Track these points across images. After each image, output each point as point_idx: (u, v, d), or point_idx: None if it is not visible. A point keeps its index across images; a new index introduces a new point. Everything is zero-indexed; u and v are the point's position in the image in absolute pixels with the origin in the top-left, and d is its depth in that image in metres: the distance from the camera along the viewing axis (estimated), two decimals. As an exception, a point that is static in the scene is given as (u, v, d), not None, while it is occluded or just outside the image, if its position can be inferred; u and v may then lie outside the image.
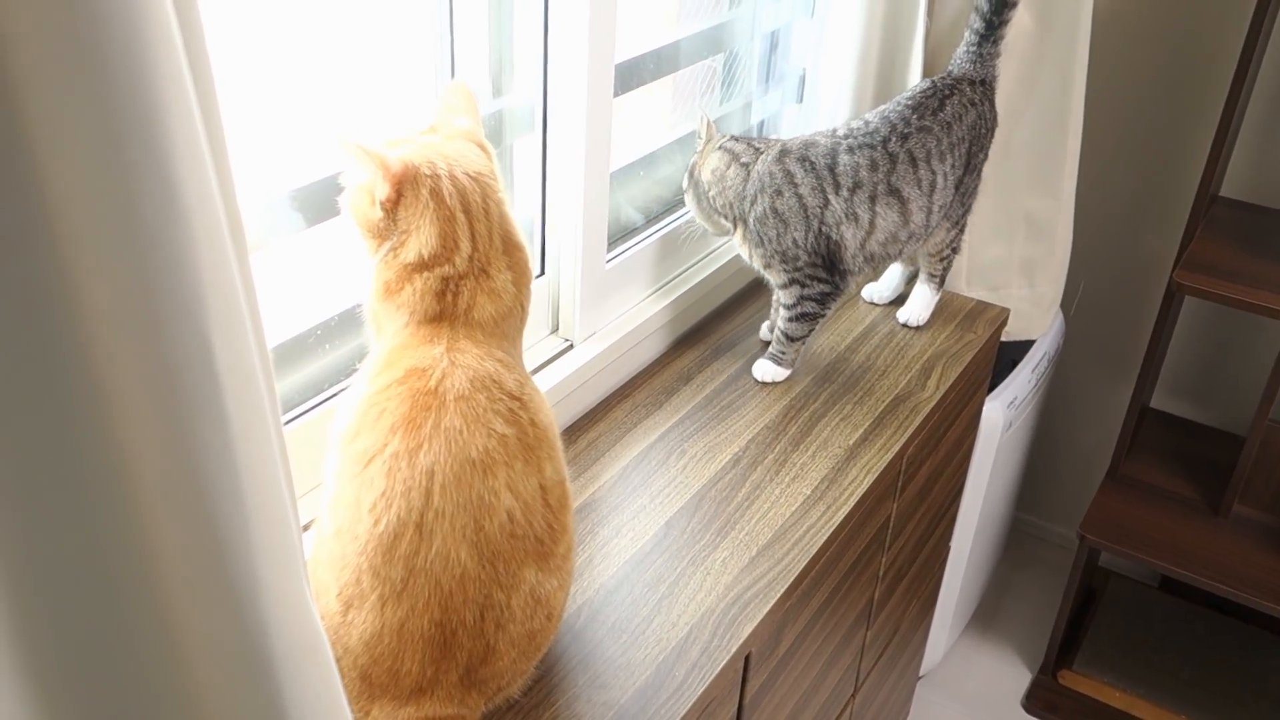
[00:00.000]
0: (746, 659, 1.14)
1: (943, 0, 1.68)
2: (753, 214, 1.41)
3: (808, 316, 1.47)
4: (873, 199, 1.41)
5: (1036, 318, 2.02)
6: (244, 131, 1.07)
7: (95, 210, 0.43)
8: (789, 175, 1.40)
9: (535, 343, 1.41)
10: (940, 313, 1.70)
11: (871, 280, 1.74)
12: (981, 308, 1.74)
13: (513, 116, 1.32)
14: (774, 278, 1.47)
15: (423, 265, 0.94)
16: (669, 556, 1.19)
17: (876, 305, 1.71)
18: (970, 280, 1.91)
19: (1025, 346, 2.13)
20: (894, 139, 1.42)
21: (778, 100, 1.89)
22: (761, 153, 1.42)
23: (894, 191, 1.42)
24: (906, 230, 1.46)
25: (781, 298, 1.48)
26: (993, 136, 1.58)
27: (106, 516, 0.49)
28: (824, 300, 1.46)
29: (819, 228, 1.41)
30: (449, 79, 1.24)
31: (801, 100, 1.88)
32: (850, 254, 1.44)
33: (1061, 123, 1.79)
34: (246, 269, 0.53)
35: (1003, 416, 2.00)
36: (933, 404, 1.48)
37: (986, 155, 1.58)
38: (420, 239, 0.93)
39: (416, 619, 0.88)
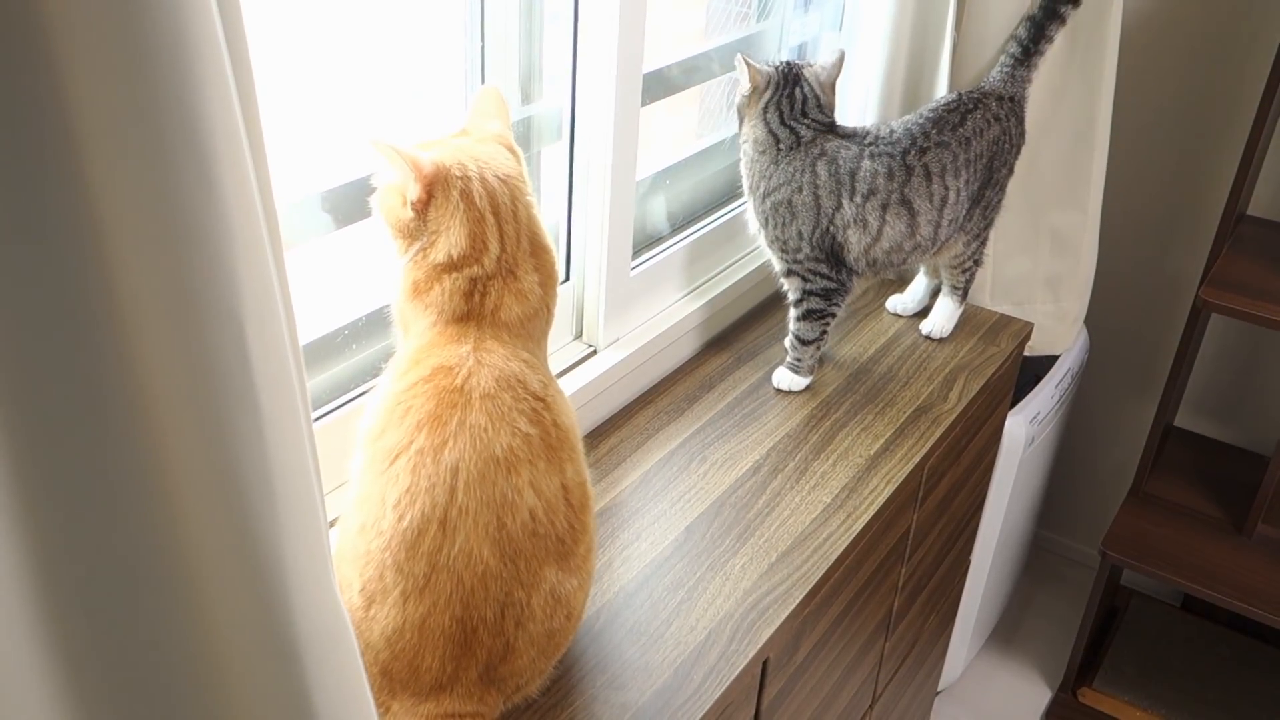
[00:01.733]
0: (764, 664, 1.15)
1: (970, 15, 1.68)
2: (769, 200, 1.42)
3: (814, 314, 1.47)
4: (884, 207, 1.42)
5: (1060, 333, 2.01)
6: (277, 133, 1.09)
7: (135, 196, 0.44)
8: (814, 176, 1.40)
9: (559, 348, 1.42)
10: (963, 326, 1.70)
11: (897, 292, 1.74)
12: (1005, 321, 1.74)
13: (541, 124, 1.33)
14: (776, 263, 1.48)
15: (452, 266, 0.95)
16: (689, 561, 1.20)
17: (901, 316, 1.72)
18: (994, 294, 1.91)
19: (1049, 362, 2.12)
20: (913, 151, 1.43)
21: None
22: (798, 147, 1.41)
23: (905, 202, 1.43)
24: (912, 241, 1.46)
25: (787, 294, 1.49)
26: (1018, 153, 1.58)
27: (139, 498, 0.51)
28: (829, 296, 1.47)
29: (826, 226, 1.42)
30: (480, 85, 1.25)
31: (828, 113, 1.89)
32: (853, 256, 1.45)
33: (1088, 138, 1.79)
34: (281, 261, 0.55)
35: (1025, 431, 2.00)
36: (954, 416, 1.48)
37: (1011, 170, 1.58)
38: (450, 239, 0.94)
39: (438, 615, 0.89)
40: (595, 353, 1.43)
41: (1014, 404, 1.99)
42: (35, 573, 0.51)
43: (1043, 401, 2.07)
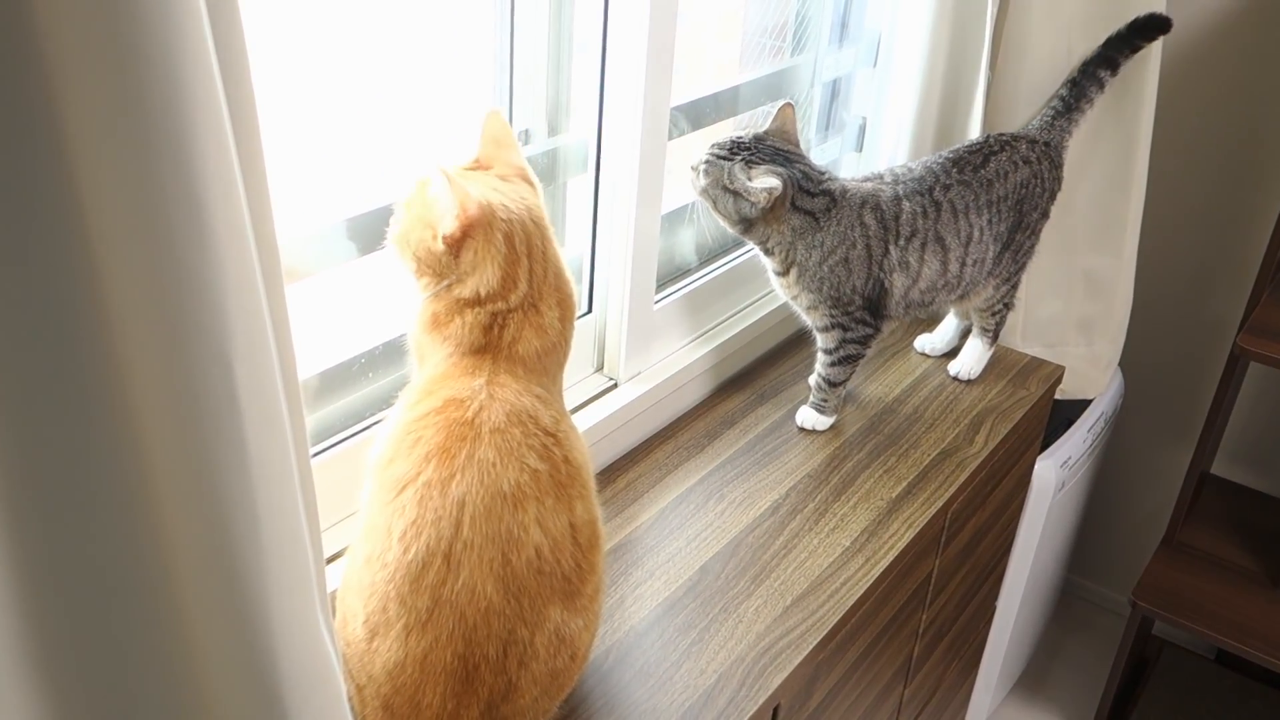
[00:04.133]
0: (775, 710, 1.12)
1: (1006, 55, 1.67)
2: (826, 264, 1.37)
3: (850, 360, 1.45)
4: (923, 246, 1.41)
5: (1093, 377, 1.98)
6: (300, 161, 1.10)
7: (126, 241, 0.44)
8: (864, 227, 1.38)
9: (579, 380, 1.41)
10: (993, 367, 1.68)
11: (926, 331, 1.72)
12: (1036, 364, 1.71)
13: (567, 155, 1.33)
14: (816, 320, 1.44)
15: (477, 301, 0.94)
16: (702, 602, 1.18)
17: (929, 357, 1.70)
18: (1026, 336, 1.88)
19: (1082, 406, 2.09)
20: (938, 189, 1.42)
21: (836, 148, 1.89)
22: (835, 205, 1.37)
23: (939, 239, 1.42)
24: (944, 279, 1.45)
25: (822, 342, 1.46)
26: (1053, 198, 1.56)
27: (124, 532, 0.50)
28: (865, 342, 1.45)
29: (876, 274, 1.40)
30: (492, 108, 1.24)
31: (861, 149, 1.88)
32: (895, 300, 1.43)
33: (1125, 180, 1.77)
34: (278, 297, 0.54)
35: (1055, 476, 1.96)
36: (980, 460, 1.46)
37: (1045, 215, 1.56)
38: (482, 278, 0.94)
39: (440, 651, 0.88)
40: (616, 386, 1.42)
41: (1045, 447, 1.96)
42: (24, 602, 0.50)
43: (1074, 446, 2.03)
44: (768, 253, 1.40)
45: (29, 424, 0.47)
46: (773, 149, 1.36)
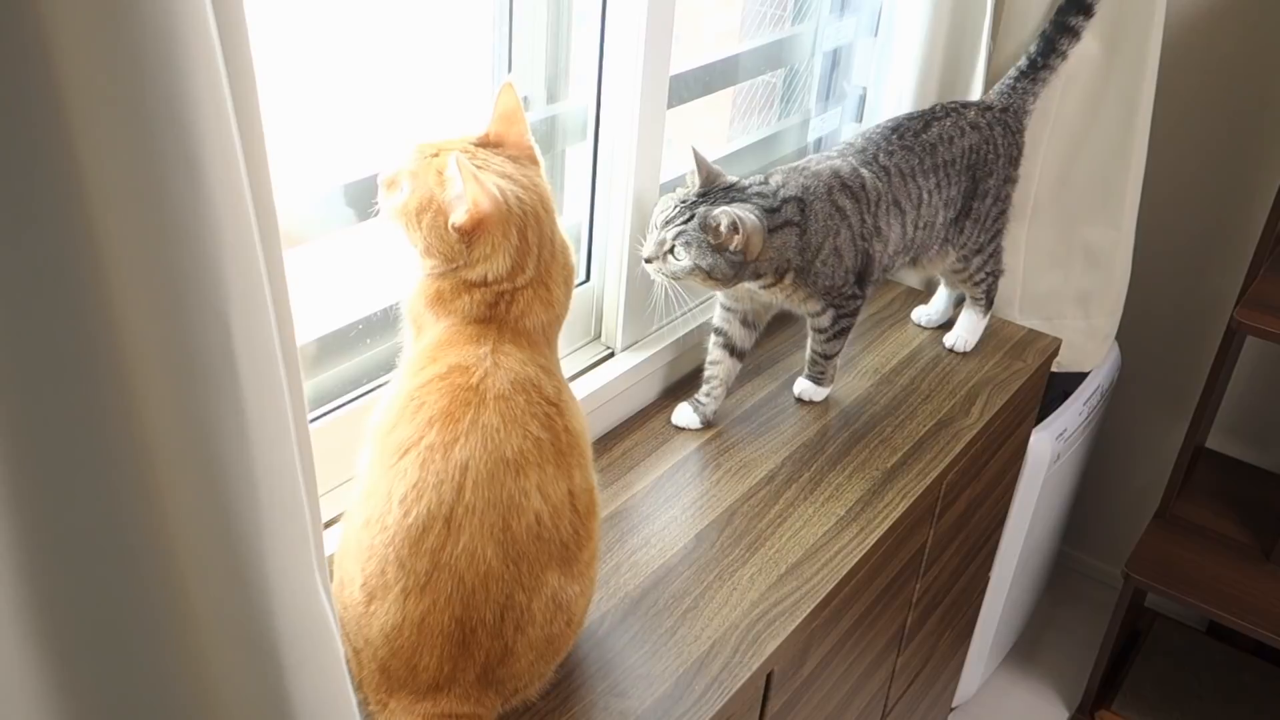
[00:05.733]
0: (769, 677, 1.13)
1: (1007, 23, 1.66)
2: (819, 259, 1.35)
3: (845, 332, 1.45)
4: (888, 210, 1.41)
5: (1090, 350, 1.98)
6: (299, 127, 1.10)
7: (123, 196, 0.44)
8: (841, 211, 1.36)
9: (576, 349, 1.42)
10: (989, 340, 1.68)
11: (922, 303, 1.72)
12: (1032, 336, 1.71)
13: (566, 123, 1.33)
14: (810, 308, 1.41)
15: (484, 284, 0.94)
16: (696, 569, 1.19)
17: (925, 329, 1.70)
18: (1024, 308, 1.89)
19: (1078, 378, 2.09)
20: (881, 154, 1.42)
21: (836, 118, 1.88)
22: (805, 208, 1.32)
23: (896, 202, 1.42)
24: (903, 242, 1.45)
25: (816, 324, 1.44)
26: (1012, 163, 1.55)
27: (122, 493, 0.51)
28: (857, 313, 1.45)
29: (863, 246, 1.40)
30: (506, 80, 1.24)
31: (861, 119, 1.87)
32: (878, 266, 1.44)
33: (1124, 152, 1.76)
34: (276, 259, 0.54)
35: (1051, 448, 1.97)
36: (975, 431, 1.46)
37: (1007, 180, 1.55)
38: (493, 265, 0.93)
39: (437, 614, 0.89)
40: (613, 354, 1.42)
41: (1041, 420, 1.96)
42: (22, 564, 0.51)
43: (1070, 418, 2.04)
44: (757, 277, 1.33)
45: (24, 383, 0.47)
46: (716, 192, 1.29)
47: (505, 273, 0.94)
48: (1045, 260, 1.85)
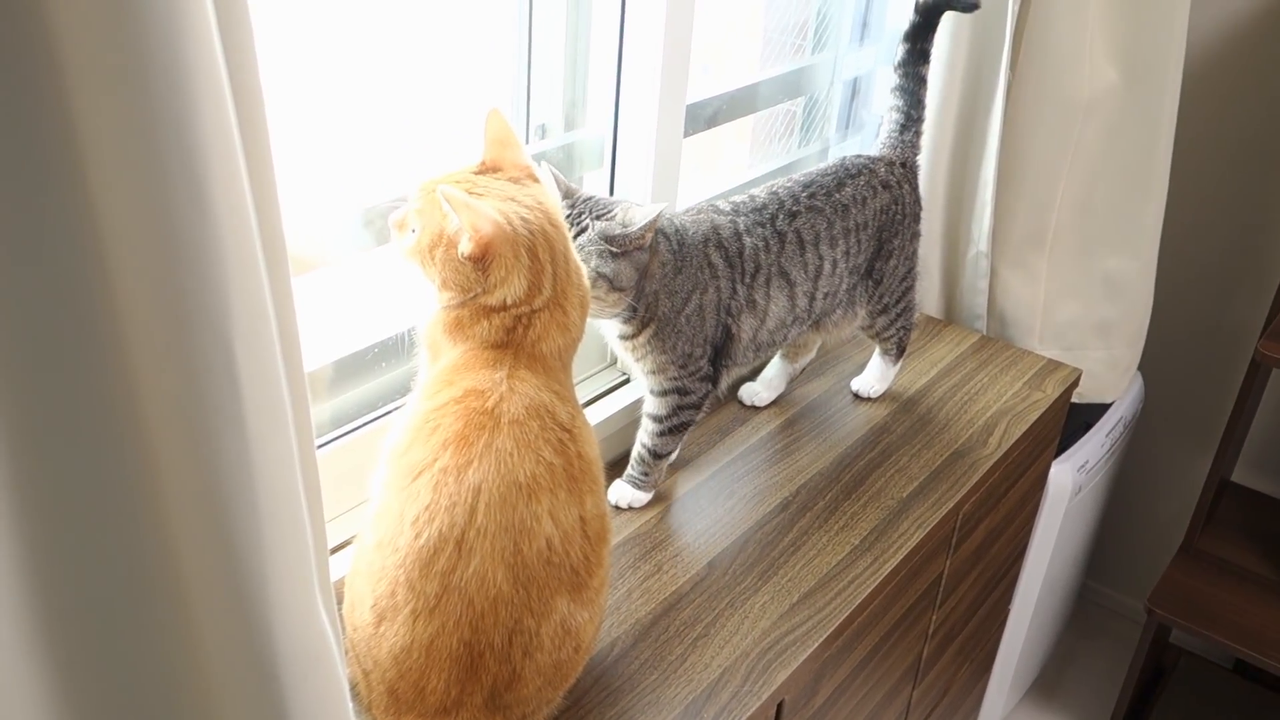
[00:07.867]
0: (779, 706, 1.13)
1: (1028, 53, 1.66)
2: (683, 314, 1.21)
3: (681, 428, 1.28)
4: (767, 282, 1.27)
5: (1112, 380, 1.97)
6: (322, 154, 1.11)
7: (128, 217, 0.45)
8: (713, 269, 1.22)
9: (593, 374, 1.42)
10: (1009, 369, 1.67)
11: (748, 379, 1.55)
12: (1052, 367, 1.70)
13: (583, 150, 1.34)
14: (655, 384, 1.25)
15: (503, 309, 0.95)
16: (708, 596, 1.19)
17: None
18: (1044, 338, 1.88)
19: (1101, 409, 2.07)
20: (781, 216, 1.28)
21: (856, 147, 1.89)
22: (681, 247, 1.20)
23: (784, 274, 1.28)
24: (792, 315, 1.33)
25: (654, 408, 1.27)
26: (916, 221, 1.45)
27: (125, 511, 0.51)
28: (699, 407, 1.29)
29: (724, 318, 1.26)
30: (492, 108, 1.22)
31: (880, 148, 1.87)
32: (742, 346, 1.30)
33: (1145, 181, 1.76)
34: (282, 279, 0.55)
35: (1072, 480, 1.95)
36: (992, 461, 1.45)
37: (913, 237, 1.45)
38: (510, 288, 0.94)
39: (446, 637, 0.89)
40: (628, 381, 1.42)
41: (1063, 451, 1.95)
42: (25, 582, 0.51)
43: (1092, 450, 2.02)
44: (630, 312, 1.19)
45: (29, 401, 0.48)
46: (587, 203, 1.15)
47: (523, 294, 0.95)
48: (1065, 290, 1.84)
